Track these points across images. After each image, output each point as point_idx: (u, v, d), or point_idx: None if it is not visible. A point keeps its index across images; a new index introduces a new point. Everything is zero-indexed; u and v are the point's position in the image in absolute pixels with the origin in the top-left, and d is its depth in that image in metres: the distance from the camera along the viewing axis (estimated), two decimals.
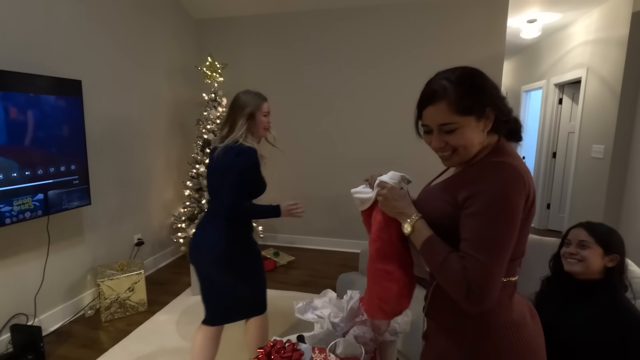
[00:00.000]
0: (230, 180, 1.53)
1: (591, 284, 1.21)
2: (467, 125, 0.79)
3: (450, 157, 0.84)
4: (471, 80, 0.81)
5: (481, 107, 0.80)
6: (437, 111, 0.80)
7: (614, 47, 3.07)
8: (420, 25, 3.35)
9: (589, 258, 1.20)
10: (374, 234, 0.98)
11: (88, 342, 2.21)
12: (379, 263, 0.96)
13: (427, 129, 0.86)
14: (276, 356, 1.28)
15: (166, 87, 3.41)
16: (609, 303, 1.16)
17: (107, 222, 2.76)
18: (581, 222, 1.29)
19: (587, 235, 1.22)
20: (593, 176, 3.38)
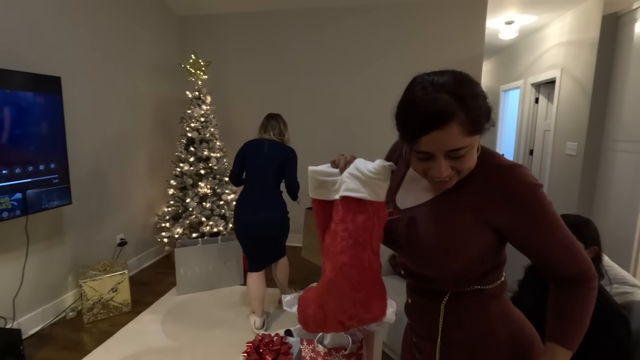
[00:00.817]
0: (293, 168, 2.26)
1: None
2: (474, 145, 0.69)
3: (451, 180, 0.71)
4: (473, 88, 0.67)
5: (487, 120, 0.69)
6: (446, 136, 0.64)
7: (585, 49, 3.21)
8: (399, 26, 3.42)
9: None
10: (350, 238, 0.77)
11: (70, 344, 2.17)
12: (353, 271, 0.77)
13: (425, 156, 0.69)
14: (265, 350, 1.30)
15: (148, 84, 3.35)
16: None
17: (89, 222, 2.70)
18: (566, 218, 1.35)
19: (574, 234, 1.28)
20: (567, 172, 3.53)
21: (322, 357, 1.13)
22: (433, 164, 0.68)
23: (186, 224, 3.11)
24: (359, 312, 0.81)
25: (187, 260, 2.75)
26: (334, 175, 0.84)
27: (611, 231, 2.96)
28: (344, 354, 1.12)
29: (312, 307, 0.84)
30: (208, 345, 2.13)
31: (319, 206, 0.87)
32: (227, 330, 2.29)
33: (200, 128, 3.20)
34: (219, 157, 3.24)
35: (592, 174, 3.20)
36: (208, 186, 3.15)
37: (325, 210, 0.86)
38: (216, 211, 3.16)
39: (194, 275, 2.78)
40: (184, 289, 2.77)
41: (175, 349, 2.10)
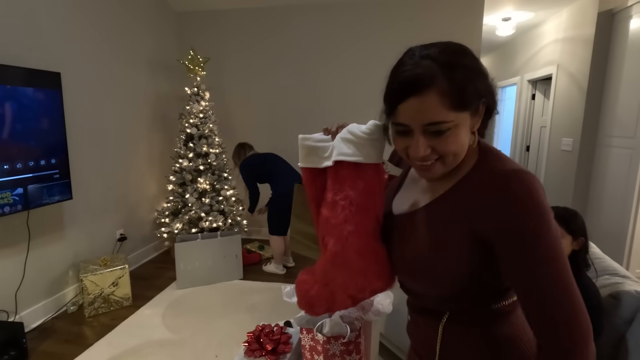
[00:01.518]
0: None
1: None
2: (462, 125, 0.59)
3: (433, 166, 0.62)
4: (465, 58, 0.60)
5: (479, 97, 0.60)
6: (423, 105, 0.57)
7: (581, 46, 3.24)
8: (397, 22, 3.43)
9: None
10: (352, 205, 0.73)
11: (72, 337, 2.20)
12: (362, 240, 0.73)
13: (403, 129, 0.62)
14: (265, 339, 1.33)
15: (147, 80, 3.36)
16: None
17: (89, 217, 2.72)
18: None
19: (560, 226, 1.27)
20: (563, 168, 3.58)
21: (322, 346, 1.17)
22: (412, 141, 0.61)
23: (185, 220, 3.14)
24: (370, 282, 0.75)
25: (187, 255, 2.78)
26: (325, 142, 0.79)
27: (605, 225, 3.01)
28: (342, 342, 1.16)
29: (315, 288, 0.78)
30: (208, 338, 2.17)
31: (310, 176, 0.81)
32: (227, 323, 2.33)
33: (199, 124, 3.21)
34: (217, 153, 3.26)
35: (587, 170, 3.25)
36: (207, 182, 3.18)
37: (316, 181, 0.81)
38: (215, 206, 3.18)
39: (194, 270, 2.81)
40: (184, 284, 2.80)
41: (176, 342, 2.13)
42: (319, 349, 1.17)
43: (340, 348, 1.17)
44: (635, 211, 2.68)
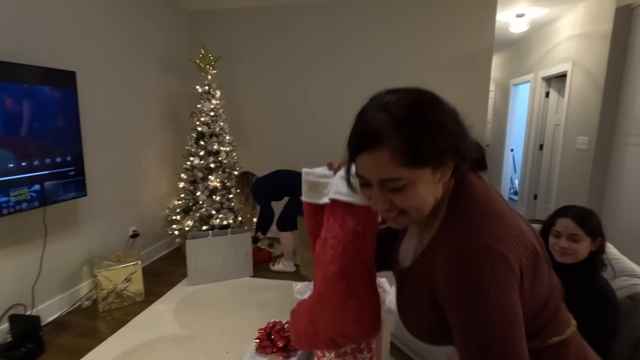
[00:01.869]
0: None
1: (572, 266, 1.29)
2: (420, 181, 0.57)
3: (397, 218, 0.61)
4: (424, 113, 0.56)
5: (439, 154, 0.56)
6: (376, 161, 0.56)
7: (598, 42, 3.17)
8: (408, 19, 3.40)
9: (580, 251, 1.23)
10: (339, 246, 0.73)
11: (86, 332, 2.24)
12: (343, 283, 0.72)
13: (363, 182, 0.61)
14: (276, 336, 1.34)
15: (159, 79, 3.40)
16: (586, 284, 1.22)
17: (102, 213, 2.77)
18: (566, 211, 1.29)
19: (577, 228, 1.22)
20: (578, 167, 3.50)
21: None
22: (372, 193, 0.59)
23: (196, 217, 3.17)
24: (350, 329, 0.73)
25: (198, 252, 2.80)
26: (327, 177, 0.78)
27: (622, 225, 2.93)
28: None
29: (303, 323, 0.78)
30: (219, 334, 2.19)
31: (310, 210, 0.82)
32: (238, 319, 2.34)
33: (210, 122, 3.24)
34: (228, 151, 3.28)
35: (603, 169, 3.17)
36: (218, 180, 3.20)
37: (316, 215, 0.81)
38: (226, 204, 3.21)
39: (205, 267, 2.84)
40: (195, 280, 2.83)
41: (187, 337, 2.15)
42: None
43: (351, 346, 1.16)
44: None
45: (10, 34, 2.03)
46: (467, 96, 3.41)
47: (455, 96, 3.14)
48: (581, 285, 1.19)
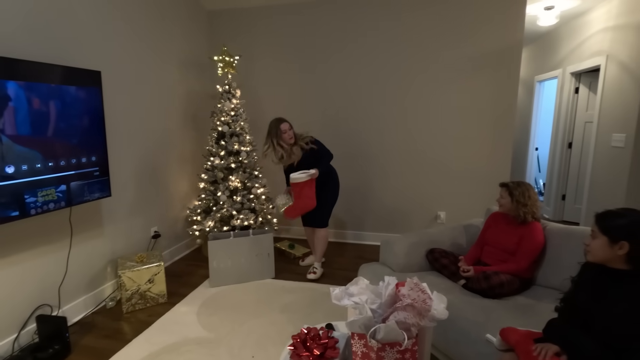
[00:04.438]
0: None
1: (622, 274, 1.18)
2: None
3: None
4: None
5: None
6: None
7: (634, 33, 3.00)
8: (435, 13, 3.30)
9: (592, 247, 1.22)
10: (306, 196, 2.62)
11: (111, 333, 2.22)
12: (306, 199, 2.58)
13: None
14: (312, 343, 1.27)
15: (179, 79, 3.39)
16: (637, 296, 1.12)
17: (125, 214, 2.76)
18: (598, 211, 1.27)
19: (594, 224, 1.23)
20: (613, 165, 3.33)
21: (375, 353, 1.10)
22: None
23: (217, 218, 3.14)
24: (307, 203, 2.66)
25: (220, 252, 2.77)
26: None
27: None
28: (398, 349, 1.08)
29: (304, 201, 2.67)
30: (244, 337, 2.14)
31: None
32: (262, 322, 2.29)
33: (231, 122, 3.20)
34: (249, 150, 3.24)
35: None
36: (238, 180, 3.16)
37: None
38: (246, 205, 3.17)
39: (227, 268, 2.80)
40: (217, 282, 2.79)
41: (212, 340, 2.11)
42: (373, 356, 1.10)
43: (395, 356, 1.09)
44: None
45: (36, 33, 2.04)
46: (495, 92, 3.28)
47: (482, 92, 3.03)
48: (632, 301, 1.10)
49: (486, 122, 3.35)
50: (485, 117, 3.34)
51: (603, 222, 1.21)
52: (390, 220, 3.72)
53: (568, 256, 1.85)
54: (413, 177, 3.61)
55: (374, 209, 3.77)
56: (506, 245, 2.01)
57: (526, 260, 1.92)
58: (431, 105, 3.44)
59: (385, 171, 3.66)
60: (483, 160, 3.41)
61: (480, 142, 3.39)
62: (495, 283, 1.83)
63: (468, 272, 1.96)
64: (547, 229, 2.02)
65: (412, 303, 1.12)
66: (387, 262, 2.26)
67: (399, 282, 1.27)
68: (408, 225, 3.65)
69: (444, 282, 2.03)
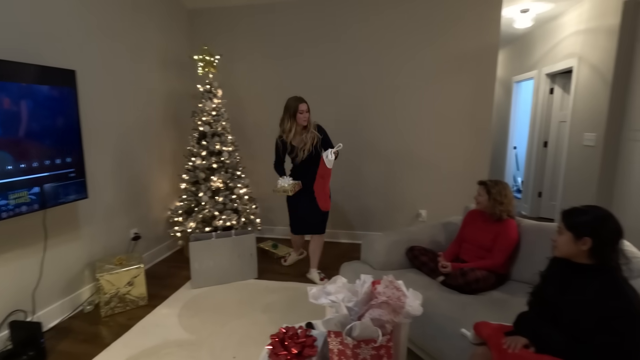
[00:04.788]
0: None
1: (585, 269, 1.23)
2: None
3: None
4: None
5: None
6: None
7: (605, 36, 3.13)
8: (412, 14, 3.35)
9: (559, 243, 1.27)
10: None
11: (89, 338, 2.18)
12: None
13: None
14: (290, 342, 1.29)
15: (159, 78, 3.34)
16: (603, 290, 1.17)
17: (103, 216, 2.71)
18: None
19: (560, 221, 1.27)
20: (585, 164, 3.46)
21: (351, 350, 1.12)
22: None
23: (199, 218, 3.11)
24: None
25: (202, 254, 2.75)
26: None
27: (632, 222, 2.89)
28: (373, 346, 1.11)
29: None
30: (226, 338, 2.13)
31: None
32: (244, 323, 2.29)
33: (212, 122, 3.18)
34: (230, 150, 3.22)
35: (612, 165, 3.13)
36: (220, 180, 3.14)
37: None
38: (229, 205, 3.15)
39: (208, 269, 2.78)
40: (199, 283, 2.77)
41: (193, 342, 2.10)
42: (348, 353, 1.12)
43: (370, 352, 1.12)
44: None
45: (7, 31, 1.97)
46: (472, 93, 3.36)
47: (460, 93, 3.10)
48: (605, 298, 1.14)
49: (465, 122, 3.42)
50: (464, 117, 3.42)
51: (568, 218, 1.26)
52: (373, 219, 3.77)
53: (541, 252, 1.91)
54: (394, 176, 3.66)
55: (357, 208, 3.80)
56: (483, 242, 2.07)
57: (502, 256, 1.98)
58: (412, 105, 3.49)
59: (367, 170, 3.70)
60: (462, 159, 3.49)
61: (460, 142, 3.47)
62: (471, 279, 1.89)
63: (446, 268, 2.01)
64: (521, 226, 2.09)
65: (387, 300, 1.14)
66: (368, 260, 2.29)
67: (376, 280, 1.30)
68: (390, 224, 3.70)
69: (423, 279, 2.07)
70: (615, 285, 1.15)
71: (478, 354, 1.38)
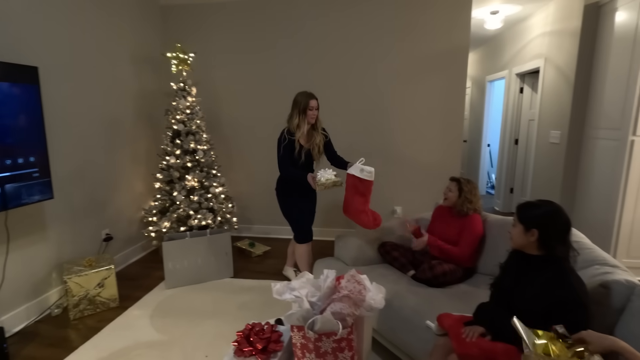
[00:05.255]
0: None
1: (536, 260, 1.30)
2: None
3: None
4: None
5: None
6: None
7: (568, 39, 3.26)
8: (383, 15, 3.40)
9: (513, 235, 1.35)
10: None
11: (56, 341, 2.12)
12: None
13: None
14: (255, 338, 1.30)
15: (131, 76, 3.27)
16: (551, 280, 1.23)
17: (72, 217, 2.64)
18: None
19: (514, 215, 1.35)
20: (551, 161, 3.61)
21: (313, 343, 1.14)
22: None
23: (174, 218, 3.07)
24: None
25: (176, 253, 2.72)
26: None
27: (592, 216, 3.04)
28: (334, 339, 1.13)
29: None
30: (199, 338, 2.12)
31: None
32: (218, 322, 2.28)
33: (186, 120, 3.14)
34: (205, 149, 3.20)
35: (575, 162, 3.28)
36: (195, 179, 3.11)
37: None
38: (204, 204, 3.12)
39: (183, 269, 2.75)
40: (173, 283, 2.74)
41: (165, 343, 2.08)
42: (310, 347, 1.15)
43: (332, 345, 1.14)
44: (622, 201, 2.72)
45: None
46: (444, 92, 3.44)
47: (432, 92, 3.16)
48: (552, 287, 1.21)
49: (438, 120, 3.51)
50: (437, 115, 3.50)
51: (520, 211, 1.33)
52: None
53: (505, 245, 1.98)
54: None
55: (332, 206, 3.83)
56: (449, 236, 2.13)
57: (467, 248, 2.05)
58: (387, 104, 3.55)
59: None
60: (436, 156, 3.57)
61: (433, 140, 3.55)
62: (438, 272, 1.95)
63: (423, 236, 2.07)
64: (487, 221, 2.17)
65: (348, 294, 1.17)
66: (341, 256, 2.32)
67: (340, 275, 1.33)
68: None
69: (394, 274, 2.12)
70: (562, 275, 1.22)
71: (440, 344, 1.43)
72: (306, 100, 2.46)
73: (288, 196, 2.55)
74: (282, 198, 2.59)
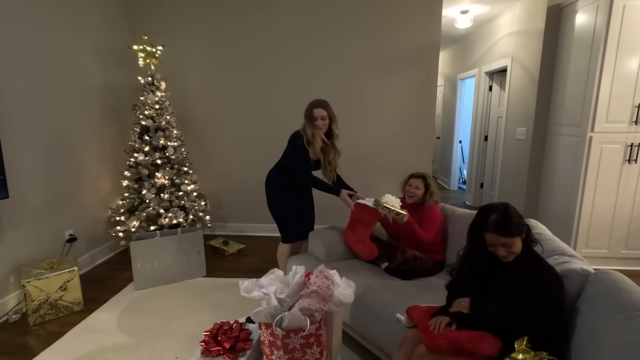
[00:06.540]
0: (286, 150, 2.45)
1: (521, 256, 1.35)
2: None
3: None
4: None
5: None
6: None
7: (533, 38, 3.39)
8: (353, 12, 3.40)
9: (517, 250, 1.31)
10: None
11: (13, 349, 2.01)
12: None
13: None
14: (223, 337, 1.27)
15: (95, 69, 3.12)
16: (527, 269, 1.30)
17: (31, 217, 2.49)
18: (486, 222, 1.31)
19: (505, 238, 1.28)
20: (517, 156, 3.75)
21: (281, 340, 1.13)
22: None
23: (143, 217, 2.96)
24: None
25: (145, 253, 2.63)
26: None
27: (555, 209, 3.19)
28: (302, 335, 1.12)
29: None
30: (168, 339, 2.07)
31: None
32: (189, 322, 2.23)
33: (155, 116, 3.03)
34: (176, 146, 3.10)
35: (539, 157, 3.42)
36: (166, 176, 3.01)
37: None
38: (175, 202, 3.03)
39: (153, 269, 2.67)
40: (142, 284, 2.65)
41: (132, 345, 2.01)
42: (279, 344, 1.13)
43: (300, 341, 1.13)
44: (582, 195, 2.86)
45: None
46: (416, 90, 3.50)
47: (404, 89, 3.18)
48: (525, 275, 1.28)
49: (410, 118, 3.56)
50: (409, 113, 3.55)
51: (510, 231, 1.29)
52: (322, 213, 3.80)
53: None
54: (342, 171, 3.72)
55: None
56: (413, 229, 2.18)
57: (432, 233, 2.10)
58: (358, 102, 3.57)
59: None
60: (408, 153, 3.63)
61: (404, 137, 3.60)
62: (409, 256, 2.01)
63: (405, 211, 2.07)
64: (455, 215, 2.23)
65: (317, 290, 1.17)
66: (315, 252, 2.32)
67: (310, 271, 1.32)
68: (339, 218, 3.76)
69: (367, 268, 2.14)
70: (538, 262, 1.30)
71: (409, 336, 1.46)
72: (310, 110, 2.21)
73: (281, 194, 2.36)
74: (273, 195, 2.39)
